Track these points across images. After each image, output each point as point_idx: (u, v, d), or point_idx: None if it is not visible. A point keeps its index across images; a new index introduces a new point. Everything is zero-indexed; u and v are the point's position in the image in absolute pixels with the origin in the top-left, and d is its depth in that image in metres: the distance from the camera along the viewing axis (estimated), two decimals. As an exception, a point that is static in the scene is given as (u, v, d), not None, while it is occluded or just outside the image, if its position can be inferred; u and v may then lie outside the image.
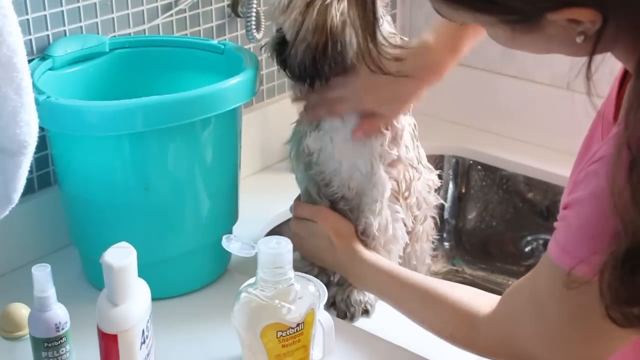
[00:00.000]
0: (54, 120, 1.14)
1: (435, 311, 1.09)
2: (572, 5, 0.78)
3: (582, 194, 0.86)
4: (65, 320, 1.03)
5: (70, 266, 1.31)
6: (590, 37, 0.80)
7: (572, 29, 0.80)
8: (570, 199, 0.88)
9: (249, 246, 1.01)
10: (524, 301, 0.96)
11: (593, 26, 0.79)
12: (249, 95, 1.21)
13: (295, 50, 1.18)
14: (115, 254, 0.96)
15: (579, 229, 0.86)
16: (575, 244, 0.86)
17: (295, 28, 1.17)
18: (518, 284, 1.00)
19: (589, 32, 0.80)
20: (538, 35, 0.83)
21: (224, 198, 1.28)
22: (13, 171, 0.89)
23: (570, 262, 0.86)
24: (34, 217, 1.33)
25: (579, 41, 0.80)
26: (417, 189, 1.30)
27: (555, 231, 0.90)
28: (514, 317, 0.98)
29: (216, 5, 1.54)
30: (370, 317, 1.27)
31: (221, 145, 1.23)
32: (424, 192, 1.32)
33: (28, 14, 1.28)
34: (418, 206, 1.31)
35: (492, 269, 1.71)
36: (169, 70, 1.36)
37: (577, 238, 0.87)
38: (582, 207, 0.86)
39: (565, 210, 0.89)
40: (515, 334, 0.97)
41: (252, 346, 0.99)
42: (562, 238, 0.89)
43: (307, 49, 1.17)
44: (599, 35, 0.79)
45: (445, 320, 1.08)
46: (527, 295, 0.96)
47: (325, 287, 1.11)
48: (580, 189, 0.87)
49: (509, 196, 1.74)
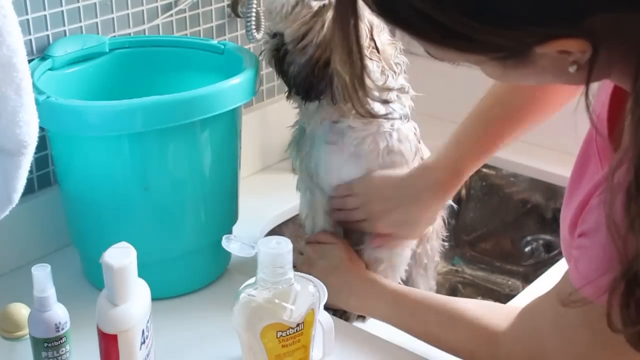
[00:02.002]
0: (54, 120, 1.14)
1: (453, 330, 1.08)
2: (559, 38, 0.76)
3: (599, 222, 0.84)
4: (65, 320, 1.03)
5: (70, 266, 1.31)
6: (583, 66, 0.78)
7: (564, 59, 0.78)
8: (587, 228, 0.87)
9: (249, 246, 1.01)
10: (548, 323, 0.95)
11: (584, 55, 0.77)
12: (249, 96, 1.21)
13: (295, 61, 1.17)
14: (115, 254, 0.96)
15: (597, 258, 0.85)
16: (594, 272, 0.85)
17: (298, 39, 1.16)
18: (538, 303, 0.98)
19: (580, 61, 0.78)
20: (530, 69, 0.81)
21: (224, 198, 1.28)
22: (13, 171, 0.89)
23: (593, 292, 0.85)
24: (34, 217, 1.33)
25: (572, 71, 0.79)
26: None
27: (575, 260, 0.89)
28: (537, 335, 0.96)
29: (216, 5, 1.54)
30: (365, 322, 1.27)
31: (221, 145, 1.23)
32: None
33: (28, 14, 1.28)
34: None
35: (492, 269, 1.71)
36: (169, 70, 1.36)
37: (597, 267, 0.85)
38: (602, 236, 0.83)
39: (582, 239, 0.88)
40: (541, 350, 0.96)
41: (252, 346, 0.99)
42: (584, 268, 0.87)
43: (308, 62, 1.16)
44: (592, 64, 0.77)
45: (463, 339, 1.06)
46: (550, 318, 0.95)
47: (325, 288, 1.11)
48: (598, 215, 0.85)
49: (509, 197, 1.74)
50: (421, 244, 1.33)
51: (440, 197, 1.24)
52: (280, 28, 1.18)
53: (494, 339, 1.02)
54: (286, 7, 1.17)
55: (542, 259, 1.67)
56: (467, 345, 1.06)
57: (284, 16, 1.17)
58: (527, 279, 1.62)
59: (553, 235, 1.67)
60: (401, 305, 1.15)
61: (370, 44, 1.16)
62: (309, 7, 1.16)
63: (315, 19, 1.16)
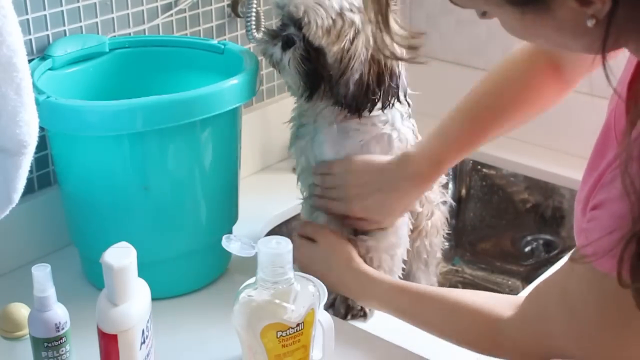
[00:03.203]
0: (54, 120, 1.14)
1: (455, 320, 1.07)
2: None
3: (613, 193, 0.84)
4: (65, 320, 1.03)
5: (70, 266, 1.31)
6: (601, 21, 0.78)
7: (582, 13, 0.78)
8: (600, 200, 0.87)
9: (249, 246, 1.01)
10: (555, 302, 0.95)
11: (603, 7, 0.77)
12: (249, 95, 1.21)
13: (346, 80, 1.15)
14: (115, 254, 0.96)
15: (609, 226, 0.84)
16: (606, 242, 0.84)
17: (347, 57, 1.14)
18: (546, 283, 0.98)
19: (599, 14, 0.78)
20: (548, 21, 0.81)
21: (224, 198, 1.28)
22: (13, 171, 0.89)
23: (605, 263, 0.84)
24: (34, 217, 1.33)
25: (590, 25, 0.78)
26: None
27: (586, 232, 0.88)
28: (545, 317, 0.96)
29: (216, 5, 1.54)
30: (367, 321, 1.26)
31: (221, 145, 1.23)
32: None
33: (28, 14, 1.28)
34: (420, 204, 1.31)
35: (492, 269, 1.71)
36: (169, 70, 1.36)
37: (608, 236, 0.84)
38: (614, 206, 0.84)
39: (595, 211, 0.87)
40: (548, 333, 0.95)
41: (252, 346, 0.99)
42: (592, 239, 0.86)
43: (360, 80, 1.15)
44: (610, 18, 0.77)
45: (466, 328, 1.06)
46: (558, 296, 0.94)
47: (325, 287, 1.11)
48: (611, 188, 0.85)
49: (509, 196, 1.74)
50: (419, 239, 1.33)
51: (418, 187, 1.23)
52: (322, 44, 1.15)
53: (497, 327, 1.01)
54: (327, 22, 1.14)
55: (542, 258, 1.68)
56: (470, 335, 1.05)
57: (326, 31, 1.14)
58: (527, 279, 1.62)
59: (553, 235, 1.67)
60: (401, 298, 1.14)
61: None
62: (350, 22, 1.15)
63: (359, 35, 1.15)
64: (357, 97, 1.16)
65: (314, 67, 1.16)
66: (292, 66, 1.17)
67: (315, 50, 1.15)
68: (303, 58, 1.16)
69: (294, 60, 1.17)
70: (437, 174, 1.24)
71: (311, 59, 1.16)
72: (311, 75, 1.17)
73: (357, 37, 1.14)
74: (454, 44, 1.88)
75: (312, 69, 1.16)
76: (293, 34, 1.17)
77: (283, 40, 1.18)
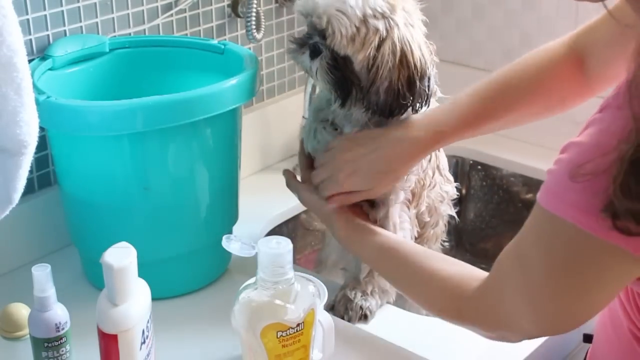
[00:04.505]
0: (54, 120, 1.14)
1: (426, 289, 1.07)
2: None
3: (581, 138, 0.85)
4: (65, 320, 1.03)
5: (70, 266, 1.31)
6: None
7: None
8: (567, 144, 0.87)
9: (249, 246, 1.01)
10: (510, 259, 0.94)
11: None
12: (249, 95, 1.21)
13: (377, 88, 1.14)
14: (115, 254, 0.96)
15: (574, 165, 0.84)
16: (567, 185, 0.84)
17: (375, 66, 1.13)
18: (507, 246, 0.97)
19: None
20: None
21: (224, 198, 1.28)
22: (13, 171, 0.89)
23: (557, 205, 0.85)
24: (34, 217, 1.33)
25: None
26: (430, 197, 1.30)
27: (547, 177, 0.88)
28: (501, 279, 0.96)
29: (216, 5, 1.54)
30: (368, 323, 1.26)
31: (221, 146, 1.23)
32: (437, 202, 1.32)
33: (28, 14, 1.28)
34: (429, 213, 1.31)
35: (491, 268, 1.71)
36: (169, 70, 1.36)
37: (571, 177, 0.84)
38: (581, 146, 0.84)
39: (561, 155, 0.87)
40: (502, 298, 0.94)
41: (252, 346, 0.99)
42: (553, 181, 0.87)
43: (390, 87, 1.14)
44: None
45: (435, 297, 1.06)
46: (513, 252, 0.94)
47: (325, 288, 1.11)
48: (580, 135, 0.85)
49: (509, 196, 1.74)
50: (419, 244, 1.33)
51: (412, 153, 1.20)
52: (348, 52, 1.14)
53: (462, 298, 1.01)
54: (351, 30, 1.13)
55: (542, 258, 1.67)
56: (438, 303, 1.05)
57: (350, 40, 1.13)
58: (527, 278, 1.62)
59: (553, 235, 1.67)
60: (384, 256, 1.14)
61: None
62: (374, 29, 1.13)
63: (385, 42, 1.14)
64: (389, 104, 1.16)
65: (342, 75, 1.16)
66: (320, 75, 1.17)
67: (342, 58, 1.15)
68: (330, 67, 1.16)
69: (322, 69, 1.16)
70: (435, 145, 1.22)
71: (339, 67, 1.16)
72: (341, 83, 1.16)
73: (382, 43, 1.14)
74: (454, 44, 1.89)
75: (340, 77, 1.16)
76: (319, 43, 1.16)
77: (310, 49, 1.17)
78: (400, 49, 1.14)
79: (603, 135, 0.83)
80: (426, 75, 1.17)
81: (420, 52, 1.16)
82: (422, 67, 1.16)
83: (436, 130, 1.20)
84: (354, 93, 1.16)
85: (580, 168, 0.82)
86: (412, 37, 1.15)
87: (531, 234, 0.91)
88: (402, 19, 1.15)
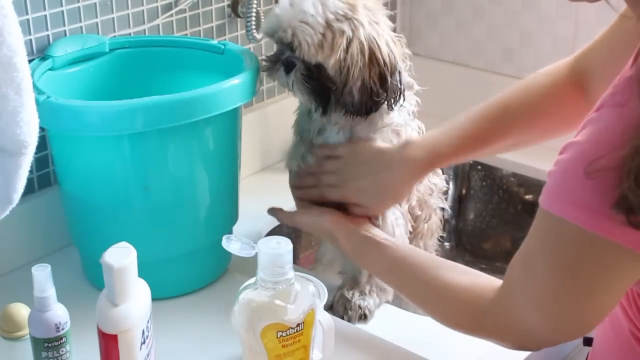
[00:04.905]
0: (54, 120, 1.14)
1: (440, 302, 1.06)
2: None
3: (579, 137, 0.85)
4: (65, 320, 1.03)
5: (70, 266, 1.31)
6: None
7: None
8: (566, 144, 0.87)
9: (249, 246, 1.01)
10: (517, 266, 0.94)
11: None
12: (249, 96, 1.21)
13: (350, 89, 1.16)
14: (115, 254, 0.96)
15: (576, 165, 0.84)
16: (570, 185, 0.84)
17: (345, 67, 1.15)
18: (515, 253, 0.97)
19: None
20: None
21: (224, 198, 1.28)
22: (13, 171, 0.89)
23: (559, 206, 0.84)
24: (34, 217, 1.33)
25: None
26: (419, 191, 1.30)
27: (548, 179, 0.88)
28: (510, 289, 0.95)
29: (216, 5, 1.54)
30: (367, 322, 1.26)
31: (221, 146, 1.23)
32: (426, 195, 1.32)
33: (28, 14, 1.28)
34: (420, 207, 1.32)
35: (492, 269, 1.71)
36: (169, 70, 1.36)
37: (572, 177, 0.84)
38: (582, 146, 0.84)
39: (561, 155, 0.87)
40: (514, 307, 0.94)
41: (252, 346, 0.99)
42: (554, 183, 0.87)
43: (363, 85, 1.16)
44: None
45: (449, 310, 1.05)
46: (520, 260, 0.94)
47: (325, 288, 1.11)
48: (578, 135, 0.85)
49: (509, 196, 1.74)
50: (415, 240, 1.33)
51: (411, 174, 1.22)
52: (319, 59, 1.15)
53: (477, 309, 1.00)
54: (317, 38, 1.14)
55: (542, 259, 1.67)
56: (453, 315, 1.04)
57: (318, 46, 1.15)
58: (527, 278, 1.62)
59: (553, 235, 1.67)
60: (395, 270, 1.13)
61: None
62: (340, 31, 1.14)
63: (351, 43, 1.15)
64: (364, 102, 1.17)
65: (318, 83, 1.17)
66: (297, 87, 1.18)
67: (315, 67, 1.16)
68: (305, 77, 1.17)
69: (297, 81, 1.18)
70: (433, 165, 1.24)
71: (313, 76, 1.17)
72: (318, 91, 1.18)
73: (350, 44, 1.15)
74: (454, 44, 1.89)
75: (317, 85, 1.17)
76: (291, 57, 1.18)
77: (284, 64, 1.19)
78: (368, 47, 1.16)
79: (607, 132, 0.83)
80: (396, 70, 1.19)
81: (388, 48, 1.17)
82: (391, 63, 1.17)
83: (435, 151, 1.21)
84: (332, 99, 1.17)
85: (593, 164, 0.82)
86: (378, 34, 1.17)
87: (535, 239, 0.91)
88: (365, 18, 1.17)
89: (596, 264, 0.85)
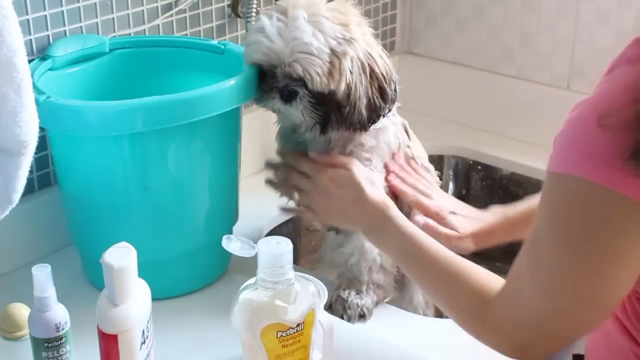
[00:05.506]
0: (54, 120, 1.14)
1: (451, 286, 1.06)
2: None
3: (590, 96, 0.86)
4: (65, 320, 1.03)
5: (70, 266, 1.31)
6: None
7: None
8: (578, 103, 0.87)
9: (249, 246, 1.01)
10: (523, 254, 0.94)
11: None
12: (249, 96, 1.21)
13: (358, 109, 1.15)
14: (115, 254, 0.96)
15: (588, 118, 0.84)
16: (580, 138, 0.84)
17: (353, 88, 1.14)
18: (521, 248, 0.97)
19: None
20: None
21: (224, 198, 1.28)
22: (13, 171, 0.89)
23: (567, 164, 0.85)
24: (34, 217, 1.33)
25: None
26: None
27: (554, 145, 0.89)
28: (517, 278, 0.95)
29: (216, 5, 1.54)
30: (366, 321, 1.26)
31: (221, 145, 1.23)
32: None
33: (28, 14, 1.28)
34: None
35: (492, 269, 1.70)
36: (169, 70, 1.36)
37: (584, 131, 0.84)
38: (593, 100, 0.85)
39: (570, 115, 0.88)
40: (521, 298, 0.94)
41: (252, 346, 0.99)
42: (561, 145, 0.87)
43: (369, 102, 1.16)
44: None
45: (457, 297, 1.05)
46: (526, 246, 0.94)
47: (325, 288, 1.11)
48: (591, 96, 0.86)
49: (509, 196, 1.74)
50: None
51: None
52: (332, 87, 1.14)
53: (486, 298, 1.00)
54: (325, 67, 1.13)
55: (542, 259, 1.67)
56: (460, 304, 1.04)
57: (328, 75, 1.13)
58: (527, 279, 1.62)
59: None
60: (411, 251, 1.13)
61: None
62: (343, 54, 1.14)
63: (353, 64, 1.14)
64: (370, 117, 1.17)
65: (326, 108, 1.16)
66: (307, 115, 1.17)
67: (319, 93, 1.15)
68: (314, 104, 1.16)
69: (306, 110, 1.16)
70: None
71: (320, 102, 1.16)
72: (324, 115, 1.17)
73: (353, 65, 1.14)
74: (454, 44, 1.89)
75: (325, 110, 1.17)
76: (292, 86, 1.16)
77: (283, 93, 1.17)
78: (367, 64, 1.16)
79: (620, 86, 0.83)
80: (392, 79, 1.19)
81: (382, 60, 1.17)
82: (388, 73, 1.17)
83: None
84: (333, 118, 1.17)
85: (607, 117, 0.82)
86: (371, 48, 1.17)
87: (541, 212, 0.90)
88: (359, 33, 1.16)
89: (604, 226, 0.84)
